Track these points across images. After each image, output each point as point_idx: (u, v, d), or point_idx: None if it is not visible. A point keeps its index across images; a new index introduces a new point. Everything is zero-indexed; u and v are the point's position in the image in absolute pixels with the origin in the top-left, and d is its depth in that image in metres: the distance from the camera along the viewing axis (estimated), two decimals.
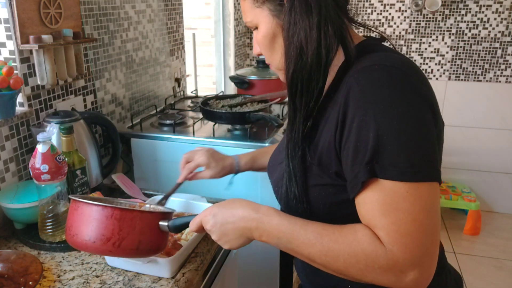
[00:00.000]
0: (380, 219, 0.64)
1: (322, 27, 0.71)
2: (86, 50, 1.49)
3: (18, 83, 1.12)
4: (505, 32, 2.87)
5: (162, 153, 1.58)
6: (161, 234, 0.84)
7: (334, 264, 0.67)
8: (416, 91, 0.66)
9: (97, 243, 0.78)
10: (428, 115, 0.66)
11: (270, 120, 1.55)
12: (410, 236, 0.62)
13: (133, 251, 0.80)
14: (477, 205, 2.92)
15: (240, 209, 0.76)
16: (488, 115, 3.05)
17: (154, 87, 1.99)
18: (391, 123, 0.63)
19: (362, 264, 0.65)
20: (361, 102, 0.66)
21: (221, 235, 0.77)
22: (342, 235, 0.67)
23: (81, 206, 0.80)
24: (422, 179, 0.63)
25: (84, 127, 1.29)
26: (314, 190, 0.75)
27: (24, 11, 1.16)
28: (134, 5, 1.76)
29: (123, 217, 0.79)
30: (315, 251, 0.68)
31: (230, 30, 2.81)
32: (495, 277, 2.52)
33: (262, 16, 0.79)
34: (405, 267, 0.63)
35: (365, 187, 0.66)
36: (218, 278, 1.17)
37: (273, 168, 0.90)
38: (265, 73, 2.01)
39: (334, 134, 0.70)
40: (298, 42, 0.72)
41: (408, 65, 0.70)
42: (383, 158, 0.63)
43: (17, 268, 0.94)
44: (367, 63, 0.69)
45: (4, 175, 1.19)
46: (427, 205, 0.63)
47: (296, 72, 0.73)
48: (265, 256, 1.60)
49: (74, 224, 0.81)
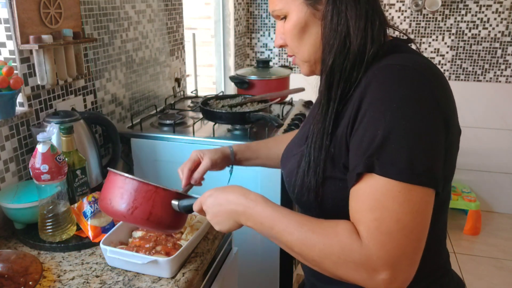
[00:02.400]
0: (365, 214, 0.65)
1: (370, 17, 0.72)
2: (86, 50, 1.49)
3: (18, 83, 1.12)
4: (505, 32, 2.87)
5: (162, 153, 1.58)
6: (173, 212, 0.91)
7: (310, 254, 0.68)
8: (431, 96, 0.66)
9: (115, 208, 0.89)
10: (439, 122, 0.66)
11: (270, 120, 1.55)
12: (390, 235, 0.62)
13: (144, 221, 0.89)
14: (477, 205, 2.92)
15: (231, 193, 0.80)
16: (488, 115, 3.05)
17: (154, 87, 1.99)
18: (400, 123, 0.63)
19: (335, 256, 0.65)
20: (375, 99, 0.66)
21: (213, 215, 0.82)
22: (322, 227, 0.68)
23: (111, 175, 0.93)
24: (418, 183, 0.62)
25: (84, 127, 1.29)
26: (327, 182, 0.75)
27: (24, 11, 1.16)
28: (134, 5, 1.76)
29: (139, 188, 0.88)
30: (293, 239, 0.70)
31: (230, 30, 2.81)
32: (495, 277, 2.52)
33: (295, 5, 0.76)
34: (378, 265, 0.62)
35: (361, 180, 0.66)
36: (218, 278, 1.17)
37: (287, 159, 0.90)
38: (265, 73, 2.01)
39: (347, 126, 0.70)
40: (344, 31, 0.72)
41: (430, 70, 0.70)
42: (384, 155, 0.63)
43: (17, 268, 0.94)
44: (390, 61, 0.69)
45: (4, 175, 1.19)
46: (415, 209, 0.63)
47: (337, 62, 0.72)
48: (265, 256, 1.61)
49: (103, 190, 0.93)
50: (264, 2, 3.14)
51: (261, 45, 3.24)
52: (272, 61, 3.22)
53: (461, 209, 3.01)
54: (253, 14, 3.18)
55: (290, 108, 1.93)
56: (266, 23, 3.19)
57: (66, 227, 1.08)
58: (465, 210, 2.99)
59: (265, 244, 1.59)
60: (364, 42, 0.71)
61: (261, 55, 3.25)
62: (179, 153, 1.57)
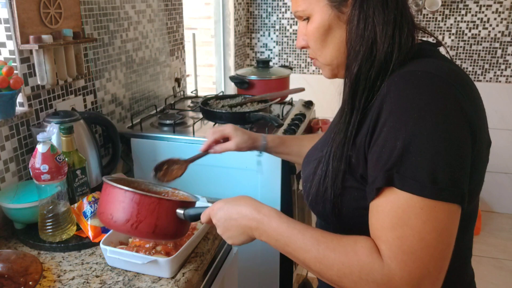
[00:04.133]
0: (387, 231, 0.61)
1: (398, 23, 0.68)
2: (86, 50, 1.49)
3: (18, 83, 1.12)
4: (505, 32, 2.87)
5: (162, 153, 1.58)
6: (178, 221, 0.88)
7: (328, 272, 0.65)
8: (456, 104, 0.62)
9: (118, 223, 0.85)
10: (464, 132, 0.62)
11: (270, 120, 1.55)
12: (413, 254, 0.59)
13: (150, 234, 0.86)
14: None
15: (243, 206, 0.77)
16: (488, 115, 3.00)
17: (154, 87, 1.99)
18: (422, 134, 0.60)
19: (355, 275, 0.62)
20: (395, 108, 0.63)
21: (225, 230, 0.79)
22: (340, 244, 0.65)
23: (109, 188, 0.88)
24: (441, 198, 0.59)
25: (84, 127, 1.29)
26: (344, 192, 0.72)
27: (24, 11, 1.16)
28: (134, 5, 1.76)
29: (141, 201, 0.84)
30: (311, 257, 0.67)
31: (230, 30, 2.81)
32: (495, 277, 2.51)
33: (319, 6, 0.73)
34: (400, 285, 0.59)
35: (380, 194, 0.63)
36: (218, 278, 1.16)
37: (307, 163, 0.87)
38: (265, 73, 2.01)
39: (365, 136, 0.67)
40: (371, 37, 0.68)
41: (457, 76, 0.66)
42: (405, 168, 0.60)
43: (17, 268, 0.94)
44: (412, 68, 0.66)
45: (4, 175, 1.19)
46: (439, 227, 0.59)
47: (363, 70, 0.69)
48: (265, 256, 1.60)
49: (102, 203, 0.89)
50: (264, 2, 3.14)
51: (261, 45, 3.24)
52: (272, 61, 3.22)
53: None
54: (253, 14, 3.18)
55: (290, 108, 1.93)
56: (266, 23, 3.19)
57: (66, 227, 1.08)
58: None
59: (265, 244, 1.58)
60: (391, 50, 0.68)
61: (261, 55, 3.25)
62: (179, 153, 1.56)
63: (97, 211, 0.93)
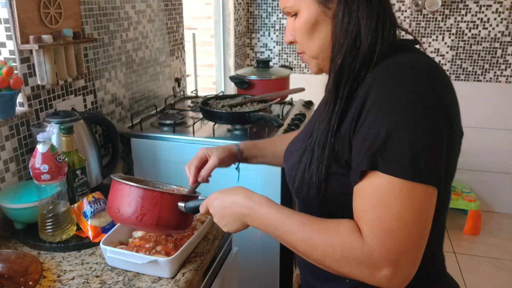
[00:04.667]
0: (367, 212, 0.66)
1: (381, 18, 0.72)
2: (86, 50, 1.49)
3: (18, 83, 1.12)
4: (505, 32, 2.87)
5: (162, 153, 1.58)
6: (180, 214, 0.93)
7: (313, 253, 0.70)
8: (436, 96, 0.67)
9: (124, 216, 0.92)
10: (442, 121, 0.67)
11: (270, 120, 1.55)
12: (391, 233, 0.63)
13: (153, 226, 0.92)
14: (477, 205, 2.92)
15: (237, 195, 0.81)
16: (488, 115, 3.05)
17: (154, 87, 1.99)
18: (404, 121, 0.64)
19: (338, 254, 0.66)
20: (379, 97, 0.67)
21: (220, 218, 0.84)
22: (324, 226, 0.70)
23: (116, 184, 0.94)
24: (420, 181, 0.63)
25: (84, 127, 1.29)
26: (328, 178, 0.76)
27: (24, 11, 1.16)
28: (134, 5, 1.76)
29: (145, 196, 0.91)
30: (297, 239, 0.71)
31: (230, 30, 2.81)
32: (495, 277, 2.51)
33: (306, 3, 0.77)
34: (379, 262, 0.63)
35: (364, 178, 0.67)
36: (218, 278, 1.17)
37: (290, 154, 0.91)
38: (265, 73, 2.01)
39: (350, 124, 0.71)
40: (355, 31, 0.72)
41: (436, 70, 0.70)
42: (388, 153, 0.64)
43: (17, 268, 0.94)
44: (395, 60, 0.70)
45: (4, 175, 1.19)
46: (417, 207, 0.63)
47: (347, 61, 0.73)
48: (265, 256, 1.61)
49: (110, 198, 0.95)
50: (264, 2, 3.14)
51: (261, 45, 3.24)
52: (272, 61, 3.22)
53: (461, 209, 3.01)
54: (253, 14, 3.18)
55: (290, 108, 1.93)
56: (266, 23, 3.19)
57: (66, 227, 1.08)
58: (465, 210, 2.99)
59: (265, 244, 1.59)
60: (374, 42, 0.72)
61: (261, 55, 3.25)
62: (179, 153, 1.57)
63: (106, 206, 0.99)
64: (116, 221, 0.98)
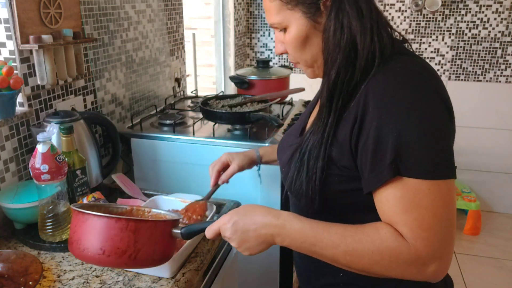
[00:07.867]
0: (402, 215, 0.67)
1: (375, 31, 0.72)
2: (86, 50, 1.49)
3: (18, 83, 1.12)
4: (505, 32, 2.87)
5: (162, 153, 1.58)
6: (173, 242, 0.84)
7: (359, 263, 0.69)
8: (436, 94, 0.69)
9: (112, 257, 0.75)
10: (446, 116, 0.70)
11: (270, 120, 1.55)
12: (432, 230, 0.66)
13: (148, 261, 0.79)
14: (477, 205, 2.92)
15: (260, 216, 0.76)
16: (488, 115, 3.05)
17: (154, 87, 1.99)
18: (413, 123, 0.66)
19: (386, 260, 0.67)
20: (382, 102, 0.68)
21: (242, 242, 0.78)
22: (364, 234, 0.69)
23: (91, 219, 0.76)
24: (443, 177, 0.66)
25: (84, 127, 1.29)
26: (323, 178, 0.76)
27: (24, 11, 1.16)
28: (134, 5, 1.76)
29: (138, 228, 0.76)
30: (339, 252, 0.70)
31: (230, 30, 2.81)
32: (495, 277, 2.51)
33: (294, 18, 0.77)
34: (427, 260, 0.66)
35: (386, 184, 0.68)
36: (218, 278, 1.17)
37: (283, 150, 0.92)
38: (265, 73, 2.01)
39: (351, 130, 0.71)
40: (348, 45, 0.72)
41: (428, 70, 0.72)
42: (407, 157, 0.66)
43: (17, 268, 0.94)
44: (391, 65, 0.71)
45: (4, 175, 1.19)
46: (446, 200, 0.66)
47: (341, 76, 0.73)
48: (265, 256, 1.60)
49: (83, 237, 0.76)
50: None
51: (261, 45, 3.24)
52: (272, 61, 3.22)
53: (461, 209, 3.01)
54: (253, 14, 3.18)
55: (290, 108, 1.93)
56: (266, 23, 3.18)
57: (66, 227, 1.08)
58: (465, 210, 2.99)
59: None
60: (372, 56, 0.72)
61: (261, 55, 3.25)
62: (179, 153, 1.57)
63: (75, 248, 0.78)
64: (99, 264, 0.84)
